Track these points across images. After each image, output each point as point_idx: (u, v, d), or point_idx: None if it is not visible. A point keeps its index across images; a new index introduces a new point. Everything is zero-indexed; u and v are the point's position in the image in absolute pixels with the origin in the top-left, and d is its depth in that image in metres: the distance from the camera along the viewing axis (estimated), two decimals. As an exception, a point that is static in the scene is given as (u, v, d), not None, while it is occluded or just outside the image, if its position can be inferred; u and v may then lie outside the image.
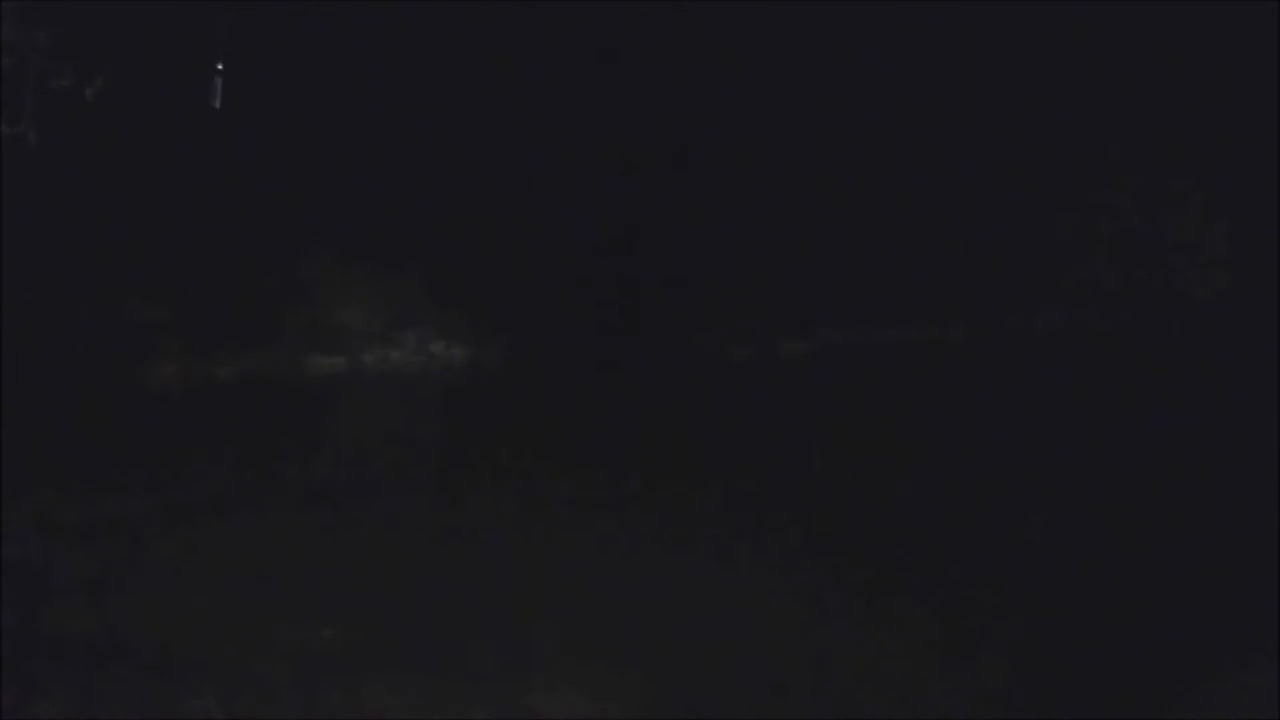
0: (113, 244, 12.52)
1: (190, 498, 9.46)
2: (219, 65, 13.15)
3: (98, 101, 11.10)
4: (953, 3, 14.72)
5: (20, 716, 6.40)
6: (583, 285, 13.98)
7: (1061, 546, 9.31)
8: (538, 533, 9.18)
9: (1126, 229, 15.75)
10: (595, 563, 8.70)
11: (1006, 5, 14.80)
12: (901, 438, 11.84)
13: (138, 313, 12.53)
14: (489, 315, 13.79)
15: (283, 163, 13.29)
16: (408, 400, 13.06)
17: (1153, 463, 11.16)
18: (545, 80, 14.08)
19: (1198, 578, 8.70)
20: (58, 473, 9.64)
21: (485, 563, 8.63)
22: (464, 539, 9.03)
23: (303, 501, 9.68)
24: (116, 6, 12.03)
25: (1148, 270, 15.68)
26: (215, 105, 13.10)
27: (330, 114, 13.42)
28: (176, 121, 13.02)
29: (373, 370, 13.31)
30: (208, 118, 13.32)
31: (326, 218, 13.41)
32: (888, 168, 15.13)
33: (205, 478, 9.96)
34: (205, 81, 13.23)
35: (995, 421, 12.39)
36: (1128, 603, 8.37)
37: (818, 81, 14.82)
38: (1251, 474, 10.48)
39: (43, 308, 11.93)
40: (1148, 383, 13.53)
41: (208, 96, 13.08)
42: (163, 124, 12.90)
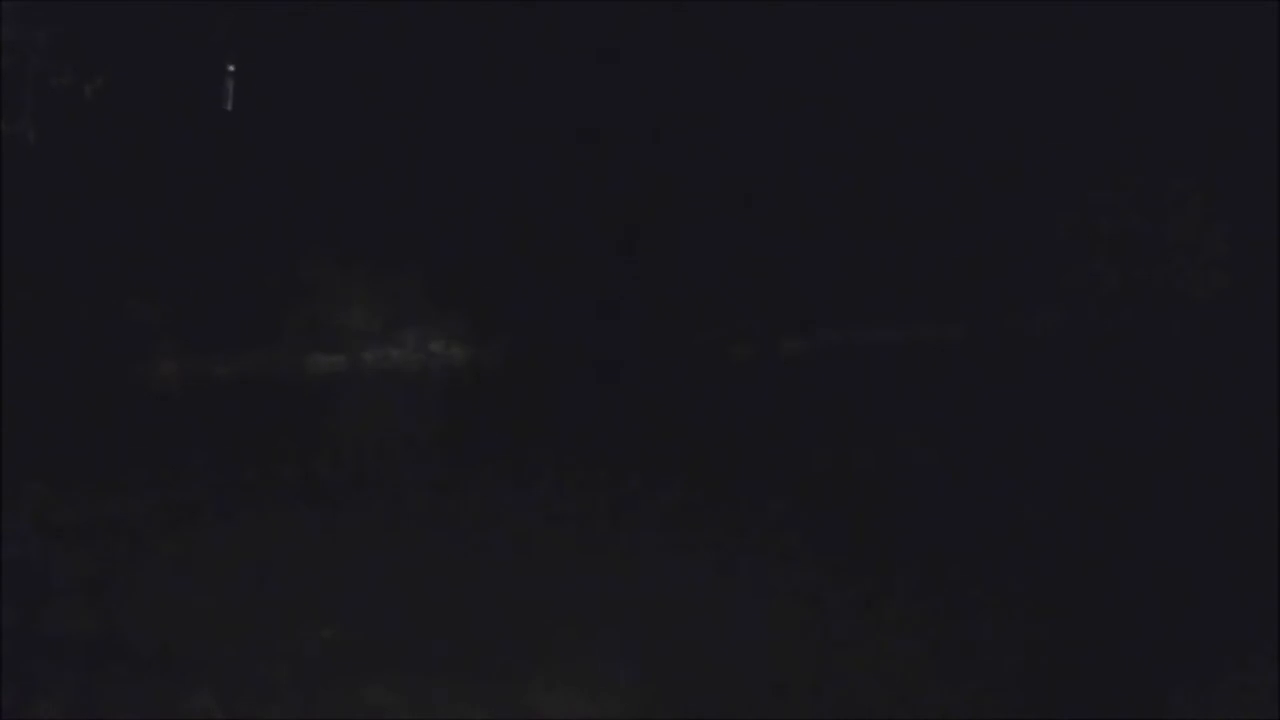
0: (113, 244, 12.52)
1: (190, 498, 9.45)
2: (230, 67, 13.15)
3: (97, 101, 11.11)
4: (952, 3, 14.73)
5: (20, 716, 6.40)
6: (583, 285, 13.98)
7: (1061, 546, 9.31)
8: (537, 533, 9.18)
9: (1126, 229, 15.76)
10: (595, 563, 8.70)
11: (1006, 5, 14.82)
12: (901, 438, 11.83)
13: (137, 313, 12.52)
14: (489, 315, 13.79)
15: (283, 163, 13.30)
16: (408, 400, 13.06)
17: (1152, 463, 11.17)
18: (545, 80, 14.09)
19: (1198, 578, 8.71)
20: (58, 473, 9.63)
21: (485, 563, 8.63)
22: (463, 539, 9.04)
23: (303, 501, 9.68)
24: (116, 6, 12.04)
25: (1148, 270, 15.69)
26: (227, 107, 13.10)
27: (330, 114, 13.42)
28: (176, 121, 13.02)
29: (373, 369, 13.30)
30: (208, 117, 13.33)
31: (326, 218, 13.42)
32: (887, 168, 15.14)
33: (205, 478, 9.95)
34: (206, 82, 13.24)
35: (995, 421, 12.39)
36: (1128, 603, 8.38)
37: (818, 81, 14.82)
38: (1251, 474, 10.49)
39: (43, 308, 11.92)
40: (1148, 383, 13.54)
41: (219, 98, 13.07)
42: (162, 124, 12.90)
